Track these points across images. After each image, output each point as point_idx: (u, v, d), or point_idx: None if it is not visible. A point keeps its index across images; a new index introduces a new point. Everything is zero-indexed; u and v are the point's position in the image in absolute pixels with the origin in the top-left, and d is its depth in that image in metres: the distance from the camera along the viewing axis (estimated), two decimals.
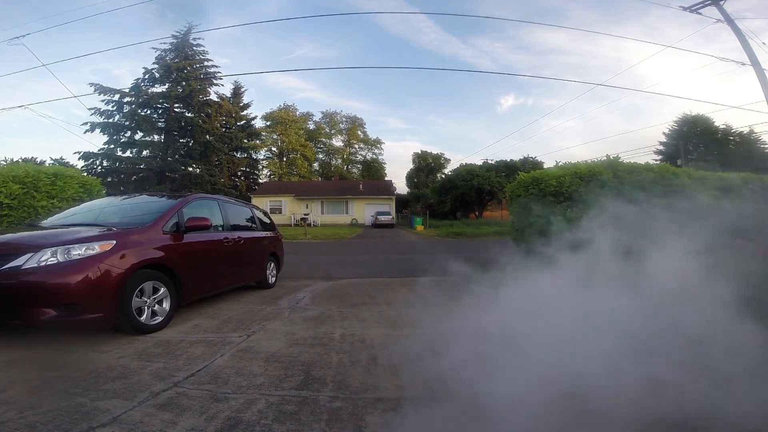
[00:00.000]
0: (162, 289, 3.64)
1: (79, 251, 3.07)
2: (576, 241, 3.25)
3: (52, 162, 28.93)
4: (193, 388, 2.33)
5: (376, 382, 2.40)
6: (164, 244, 3.81)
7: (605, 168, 5.83)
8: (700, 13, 12.10)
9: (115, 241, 3.29)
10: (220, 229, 4.97)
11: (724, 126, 31.14)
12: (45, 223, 4.41)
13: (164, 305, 3.67)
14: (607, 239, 3.02)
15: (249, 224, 6.03)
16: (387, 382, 2.41)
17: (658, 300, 2.52)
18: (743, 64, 12.11)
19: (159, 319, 3.59)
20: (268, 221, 7.04)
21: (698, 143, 31.93)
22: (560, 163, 7.39)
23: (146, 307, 3.48)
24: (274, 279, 6.43)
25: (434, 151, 57.87)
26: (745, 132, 29.89)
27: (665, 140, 33.80)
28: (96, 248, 3.15)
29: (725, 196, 5.94)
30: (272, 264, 6.41)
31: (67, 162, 28.80)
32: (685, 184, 6.08)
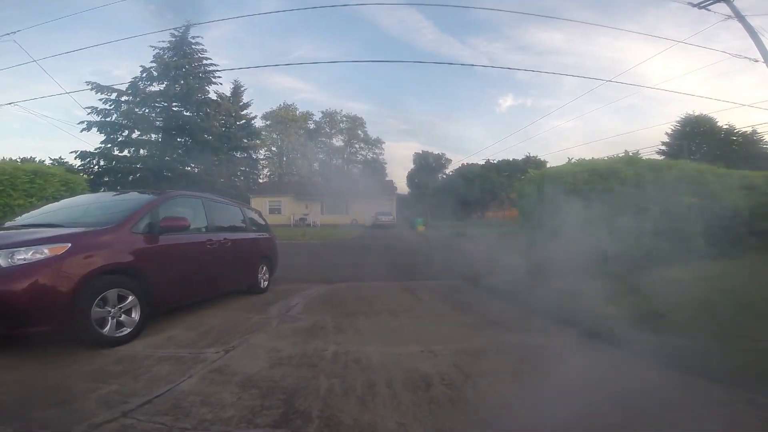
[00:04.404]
0: (130, 298, 3.18)
1: (24, 255, 2.62)
2: None
3: (51, 162, 28.49)
4: (145, 420, 1.90)
5: (373, 418, 1.95)
6: (134, 246, 3.36)
7: (625, 164, 5.37)
8: (709, 10, 11.71)
9: (70, 244, 2.84)
10: (204, 230, 4.52)
11: (727, 126, 30.77)
12: (10, 222, 4.00)
13: (133, 315, 3.22)
14: None
15: (238, 225, 5.58)
16: (387, 418, 1.95)
17: None
18: (756, 61, 11.76)
19: (127, 330, 3.14)
20: (262, 222, 6.63)
21: (701, 143, 31.50)
22: (572, 161, 6.95)
23: (110, 318, 3.03)
24: (266, 283, 5.98)
25: (435, 152, 57.34)
26: (748, 132, 29.49)
27: (668, 140, 33.36)
28: (45, 252, 2.70)
29: None
30: (264, 267, 5.96)
31: (66, 162, 28.34)
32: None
